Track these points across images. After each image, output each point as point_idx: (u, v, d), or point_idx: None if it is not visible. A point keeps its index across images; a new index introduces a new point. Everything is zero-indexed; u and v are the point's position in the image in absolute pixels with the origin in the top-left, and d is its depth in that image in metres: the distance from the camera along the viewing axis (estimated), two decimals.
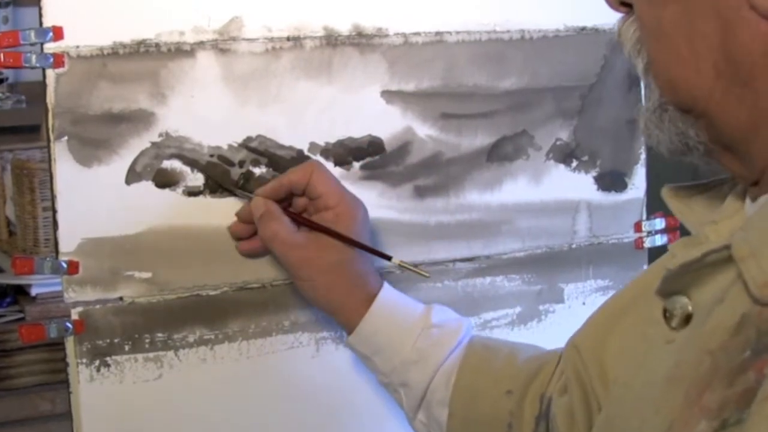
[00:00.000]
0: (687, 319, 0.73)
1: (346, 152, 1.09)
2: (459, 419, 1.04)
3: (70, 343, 1.01)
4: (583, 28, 1.19)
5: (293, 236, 1.03)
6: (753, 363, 0.65)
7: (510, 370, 1.04)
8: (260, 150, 1.05)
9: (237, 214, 1.05)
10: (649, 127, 0.76)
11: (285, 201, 1.04)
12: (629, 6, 0.76)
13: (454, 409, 1.04)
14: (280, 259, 1.04)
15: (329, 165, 1.08)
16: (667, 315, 0.75)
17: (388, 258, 1.07)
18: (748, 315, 0.67)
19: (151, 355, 1.03)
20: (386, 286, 1.06)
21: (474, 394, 1.03)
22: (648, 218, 1.25)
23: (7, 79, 2.59)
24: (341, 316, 1.05)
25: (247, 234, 1.05)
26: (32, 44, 0.96)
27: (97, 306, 1.01)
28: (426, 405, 1.05)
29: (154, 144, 1.01)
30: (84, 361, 1.01)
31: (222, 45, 1.03)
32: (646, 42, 0.75)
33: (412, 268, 1.07)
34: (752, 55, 0.68)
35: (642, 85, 1.22)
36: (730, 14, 0.68)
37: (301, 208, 1.05)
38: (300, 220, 1.04)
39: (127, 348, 1.02)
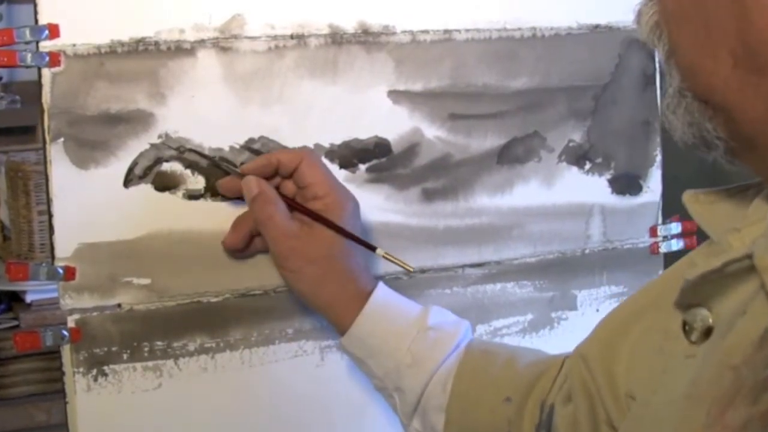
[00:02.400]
0: (707, 332, 0.72)
1: (351, 154, 1.09)
2: (456, 426, 1.03)
3: (66, 352, 1.00)
4: (597, 26, 1.19)
5: (288, 223, 1.01)
6: None
7: (509, 376, 1.03)
8: (263, 152, 1.05)
9: (218, 184, 1.03)
10: (666, 114, 0.75)
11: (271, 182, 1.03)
12: None
13: (450, 416, 1.02)
14: (270, 245, 1.02)
15: (334, 167, 1.08)
16: (686, 328, 0.74)
17: (373, 249, 1.06)
18: None
19: (150, 364, 1.03)
20: (381, 284, 1.05)
21: (471, 401, 1.02)
22: (664, 222, 1.25)
23: (1, 78, 2.60)
24: (331, 313, 1.04)
25: (241, 245, 1.04)
26: (27, 42, 0.96)
27: (95, 313, 1.01)
28: (421, 411, 1.04)
29: (153, 146, 1.01)
30: (81, 370, 1.01)
31: (223, 43, 1.03)
32: (667, 26, 0.74)
33: (396, 260, 1.06)
34: None
35: (657, 85, 1.22)
36: None
37: (290, 193, 1.04)
38: (293, 205, 1.03)
39: (125, 357, 1.02)
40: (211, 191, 1.03)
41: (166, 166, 1.02)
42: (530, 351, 1.07)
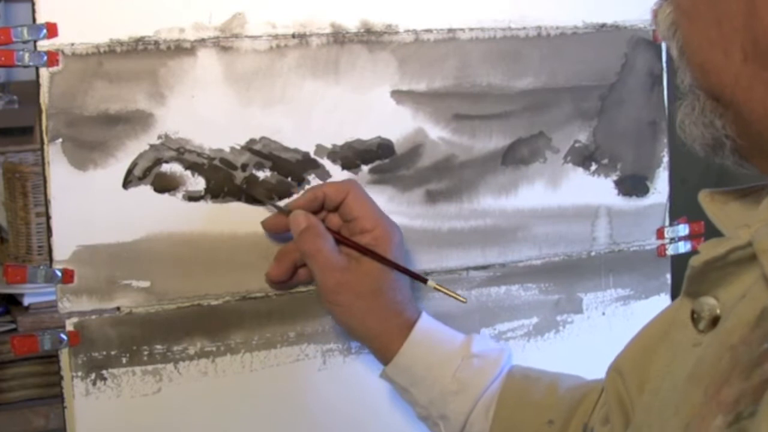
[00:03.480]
0: (714, 321, 0.74)
1: (354, 155, 1.09)
2: None
3: (64, 356, 1.00)
4: (603, 25, 1.19)
5: (336, 257, 1.02)
6: None
7: (551, 400, 1.03)
8: (264, 153, 1.05)
9: (263, 224, 1.05)
10: (684, 122, 0.76)
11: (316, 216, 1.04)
12: None
13: None
14: (318, 278, 1.03)
15: (336, 168, 1.08)
16: (694, 317, 0.75)
17: (424, 281, 1.07)
18: None
19: (149, 368, 1.03)
20: (424, 314, 1.06)
21: (514, 425, 1.03)
22: (671, 224, 1.25)
23: None
24: (377, 345, 1.05)
25: (285, 277, 1.05)
26: (25, 42, 0.96)
27: (93, 316, 1.01)
28: None
29: (152, 146, 1.01)
30: (79, 374, 1.00)
31: (224, 42, 1.03)
32: (680, 23, 0.74)
33: (448, 291, 1.07)
34: None
35: (665, 85, 1.22)
36: None
37: (336, 226, 1.05)
38: (340, 239, 1.04)
39: (124, 360, 1.02)
40: (212, 193, 1.03)
41: (165, 167, 1.02)
42: (572, 376, 1.08)
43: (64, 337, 0.99)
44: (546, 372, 1.08)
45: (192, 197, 1.03)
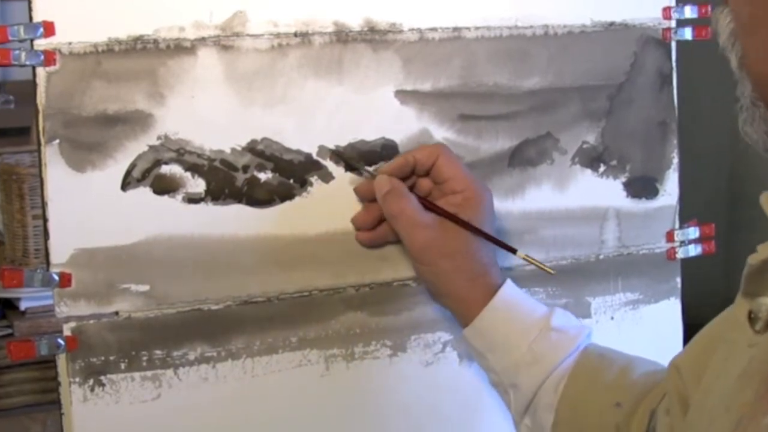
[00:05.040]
0: None
1: (357, 156, 1.09)
2: (564, 426, 1.05)
3: (62, 361, 1.00)
4: (612, 24, 1.19)
5: (420, 215, 1.05)
6: None
7: (622, 383, 1.05)
8: (266, 154, 1.05)
9: (355, 190, 1.08)
10: (744, 128, 0.77)
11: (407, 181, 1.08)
12: None
13: (559, 416, 1.05)
14: (404, 239, 1.06)
15: (339, 170, 1.08)
16: (751, 317, 0.75)
17: (514, 251, 1.10)
18: None
19: (148, 373, 1.03)
20: (509, 281, 1.08)
21: (582, 403, 1.04)
22: (681, 227, 1.25)
23: None
24: (459, 306, 1.08)
25: (370, 225, 1.08)
26: (21, 41, 0.96)
27: (91, 321, 1.01)
28: (533, 409, 1.06)
29: (152, 147, 1.01)
30: (77, 380, 1.00)
31: (225, 41, 1.03)
32: (739, 35, 0.76)
33: (537, 263, 1.10)
34: None
35: (674, 84, 1.22)
36: None
37: (425, 191, 1.08)
38: (426, 204, 1.07)
39: (123, 366, 1.02)
40: (212, 195, 1.03)
41: (165, 169, 1.02)
42: (648, 362, 1.09)
43: (61, 342, 0.99)
44: (622, 354, 1.09)
45: (192, 199, 1.03)
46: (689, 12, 1.22)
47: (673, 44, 1.22)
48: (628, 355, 1.09)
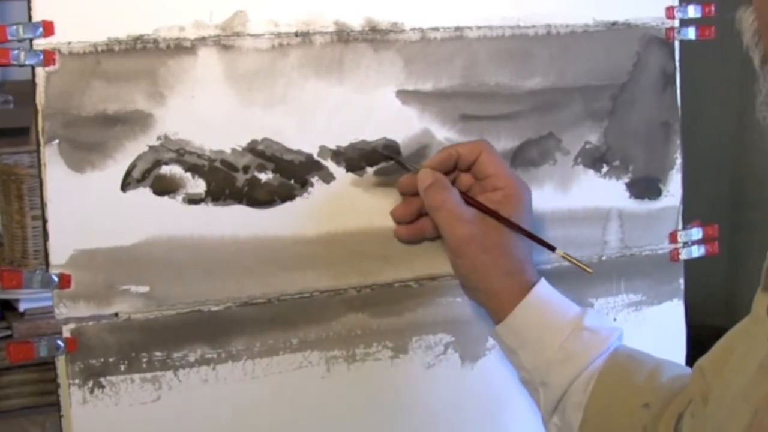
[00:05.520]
0: None
1: (359, 157, 1.09)
2: (592, 426, 1.05)
3: (61, 363, 1.00)
4: (614, 23, 1.18)
5: (461, 208, 1.06)
6: None
7: (652, 384, 1.05)
8: (266, 154, 1.05)
9: (398, 184, 1.09)
10: (762, 108, 0.78)
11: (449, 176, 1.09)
12: None
13: (588, 415, 1.05)
14: (444, 232, 1.07)
15: (341, 170, 1.08)
16: None
17: (552, 248, 1.10)
18: None
19: (148, 375, 1.03)
20: (543, 280, 1.08)
21: (610, 403, 1.05)
22: (684, 228, 1.25)
23: None
24: (494, 302, 1.08)
25: (408, 218, 1.09)
26: (21, 40, 0.96)
27: (91, 323, 1.01)
28: (562, 407, 1.07)
29: (152, 148, 1.01)
30: (76, 381, 1.00)
31: (225, 41, 1.03)
32: (762, 34, 0.76)
33: (575, 261, 1.10)
34: None
35: (678, 84, 1.22)
36: None
37: (466, 186, 1.09)
38: (466, 199, 1.07)
39: (122, 368, 1.02)
40: (212, 195, 1.03)
41: (165, 169, 1.02)
42: (677, 365, 1.10)
43: (60, 343, 0.99)
44: (652, 357, 1.10)
45: (192, 200, 1.03)
46: (692, 11, 1.22)
47: (677, 44, 1.22)
48: (657, 358, 1.09)
